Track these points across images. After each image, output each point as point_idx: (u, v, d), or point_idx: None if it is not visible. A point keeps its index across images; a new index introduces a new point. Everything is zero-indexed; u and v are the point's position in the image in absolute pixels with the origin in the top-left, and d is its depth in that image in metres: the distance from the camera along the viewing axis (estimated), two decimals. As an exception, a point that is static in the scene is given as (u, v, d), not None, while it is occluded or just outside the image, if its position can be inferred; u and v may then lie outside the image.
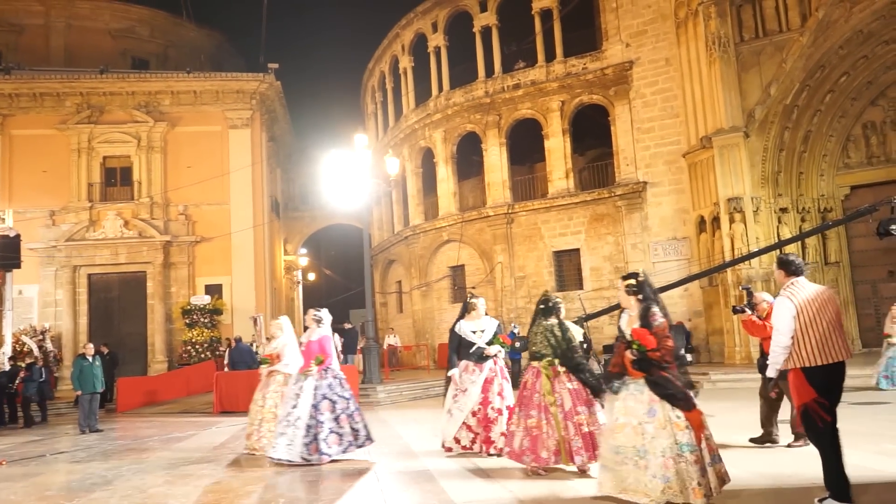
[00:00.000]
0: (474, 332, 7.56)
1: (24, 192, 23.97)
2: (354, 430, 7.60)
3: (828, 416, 4.70)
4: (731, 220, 18.25)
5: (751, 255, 16.57)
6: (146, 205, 24.67)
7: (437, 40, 25.79)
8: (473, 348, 7.45)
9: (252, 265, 25.29)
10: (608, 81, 22.14)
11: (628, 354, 4.71)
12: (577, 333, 6.87)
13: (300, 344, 8.24)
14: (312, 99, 55.00)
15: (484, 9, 24.30)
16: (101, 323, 24.06)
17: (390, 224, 30.00)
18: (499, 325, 7.76)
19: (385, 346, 22.76)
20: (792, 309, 4.82)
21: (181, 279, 24.71)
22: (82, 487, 7.00)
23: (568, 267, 22.88)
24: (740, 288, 8.13)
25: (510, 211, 23.46)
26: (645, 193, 21.33)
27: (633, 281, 4.97)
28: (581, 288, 22.08)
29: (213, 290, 24.53)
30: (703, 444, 4.67)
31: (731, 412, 10.08)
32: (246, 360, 16.60)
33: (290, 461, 7.31)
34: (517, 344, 17.98)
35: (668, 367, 4.68)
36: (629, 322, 4.94)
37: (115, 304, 24.62)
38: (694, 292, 20.01)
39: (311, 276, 38.95)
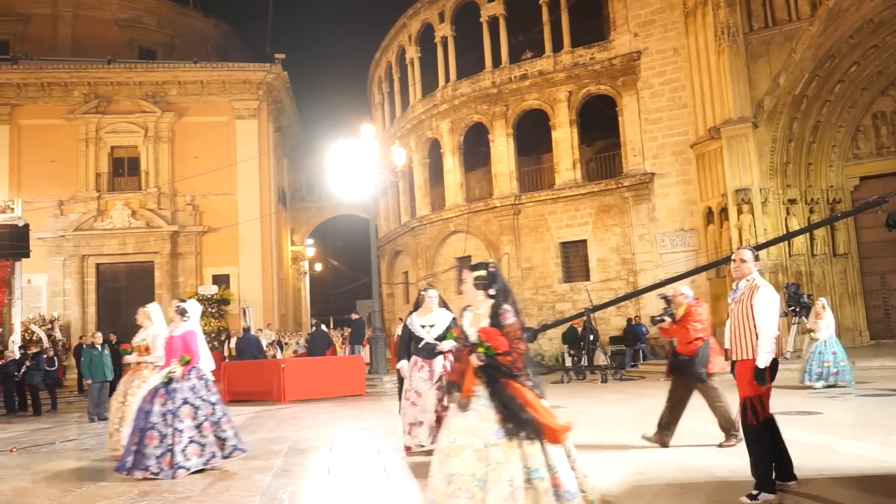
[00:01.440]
0: (423, 327, 7.09)
1: (32, 182, 24.09)
2: (220, 440, 6.75)
3: (768, 410, 4.86)
4: (739, 212, 18.17)
5: (758, 247, 16.51)
6: (154, 195, 24.74)
7: (444, 30, 25.69)
8: (422, 343, 7.04)
9: (259, 256, 25.36)
10: (616, 72, 22.03)
11: (473, 359, 3.93)
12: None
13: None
14: (319, 89, 55.01)
15: (491, -2, 24.18)
16: (109, 312, 24.19)
17: (397, 215, 29.99)
18: (452, 319, 7.03)
19: (395, 337, 22.74)
20: (778, 299, 4.98)
21: (188, 269, 24.80)
22: (91, 475, 7.06)
23: (575, 258, 22.84)
24: (658, 296, 7.96)
25: (517, 202, 23.42)
26: (652, 184, 21.25)
27: (483, 273, 4.17)
28: (588, 279, 22.04)
29: (221, 281, 24.63)
30: (563, 464, 3.85)
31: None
32: (253, 350, 16.67)
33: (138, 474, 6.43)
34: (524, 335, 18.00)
35: (519, 376, 3.93)
36: (474, 321, 4.14)
37: (122, 294, 24.75)
38: (701, 284, 19.92)
39: (318, 267, 39.04)
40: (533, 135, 24.02)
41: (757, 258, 5.21)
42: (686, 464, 5.98)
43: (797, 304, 15.56)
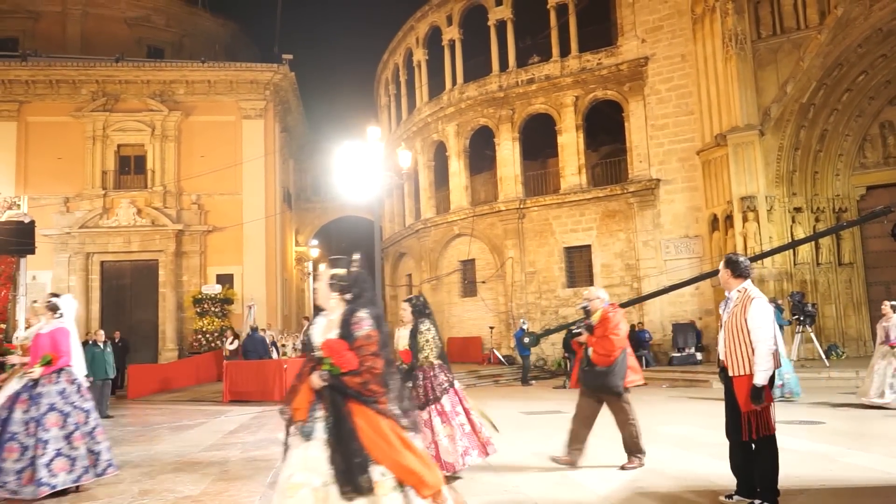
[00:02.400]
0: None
1: (39, 179, 24.18)
2: (93, 454, 5.97)
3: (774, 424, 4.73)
4: (745, 219, 18.12)
5: (763, 255, 16.49)
6: (159, 193, 24.81)
7: (451, 33, 25.72)
8: None
9: (263, 255, 25.40)
10: (623, 77, 22.01)
11: (314, 378, 3.22)
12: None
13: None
14: (326, 90, 55.10)
15: (499, 2, 24.19)
16: (113, 310, 24.25)
17: (401, 217, 30.01)
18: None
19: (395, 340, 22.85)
20: (772, 311, 4.83)
21: (193, 268, 24.85)
22: (92, 472, 7.05)
23: (579, 263, 22.81)
24: (578, 307, 7.11)
25: (522, 206, 23.41)
26: (658, 190, 21.22)
27: (338, 271, 3.48)
28: (592, 284, 21.97)
29: (225, 280, 24.66)
30: None
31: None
32: (259, 349, 16.68)
33: None
34: (527, 340, 18.03)
35: (375, 401, 3.18)
36: (325, 329, 3.40)
37: (127, 292, 24.81)
38: (705, 291, 19.90)
39: (322, 268, 39.03)
40: (539, 139, 24.01)
41: (741, 268, 4.98)
42: (686, 472, 5.96)
43: (801, 313, 15.54)
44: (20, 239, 19.43)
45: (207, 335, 22.95)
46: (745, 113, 18.40)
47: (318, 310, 3.78)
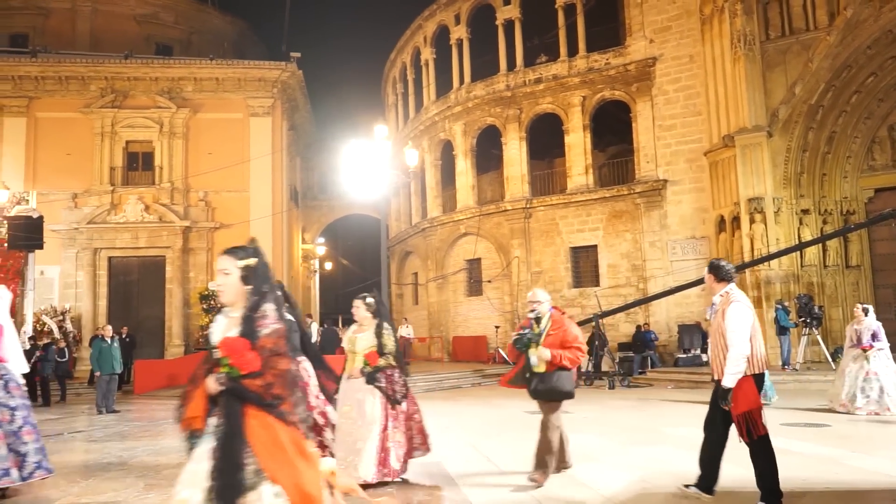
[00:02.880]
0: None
1: (47, 174, 24.29)
2: (19, 455, 5.47)
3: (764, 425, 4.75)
4: (752, 221, 18.07)
5: (770, 257, 16.47)
6: (167, 190, 24.89)
7: (459, 32, 25.72)
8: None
9: (270, 253, 25.29)
10: (630, 77, 21.98)
11: (210, 381, 2.86)
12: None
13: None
14: (333, 88, 55.17)
15: (507, 2, 24.19)
16: (120, 305, 24.35)
17: (408, 216, 30.04)
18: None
19: (398, 337, 22.93)
20: (750, 316, 4.80)
21: (200, 264, 24.92)
22: (99, 466, 7.11)
23: (585, 263, 22.79)
24: (530, 315, 6.02)
25: (528, 205, 23.40)
26: (665, 191, 21.19)
27: (247, 261, 3.04)
28: (598, 285, 21.98)
29: (231, 277, 24.67)
30: None
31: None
32: None
33: None
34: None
35: (277, 407, 2.81)
36: (227, 327, 3.02)
37: (134, 288, 24.90)
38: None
39: (328, 266, 39.15)
40: (546, 139, 24.01)
41: (724, 272, 5.04)
42: (692, 473, 5.96)
43: (808, 316, 15.48)
44: (29, 234, 19.57)
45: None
46: (753, 114, 18.35)
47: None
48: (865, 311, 10.25)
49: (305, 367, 5.83)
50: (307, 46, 51.59)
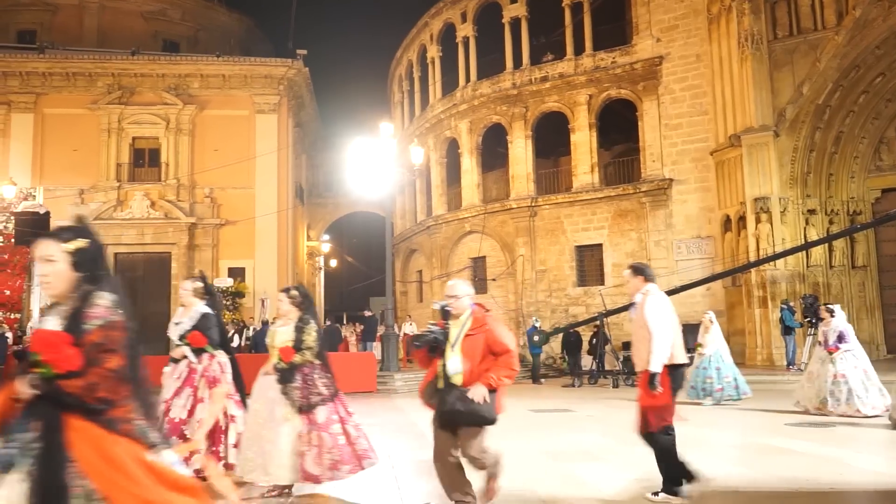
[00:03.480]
0: (176, 324, 6.00)
1: (54, 171, 24.38)
2: None
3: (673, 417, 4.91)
4: (758, 221, 18.04)
5: (776, 256, 16.43)
6: (173, 186, 24.96)
7: (465, 30, 25.71)
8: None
9: (275, 250, 25.50)
10: (637, 76, 21.94)
11: (19, 385, 2.29)
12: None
13: None
14: (339, 86, 55.16)
15: (514, 0, 24.16)
16: (125, 302, 24.41)
17: (413, 213, 30.06)
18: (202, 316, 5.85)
19: (401, 335, 22.91)
20: (669, 305, 5.05)
21: (205, 261, 24.98)
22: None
23: (590, 262, 22.77)
24: (437, 306, 4.94)
25: (534, 204, 23.39)
26: (670, 190, 21.15)
27: (76, 243, 2.51)
28: (602, 284, 21.96)
29: (236, 273, 24.79)
30: None
31: (749, 413, 9.97)
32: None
33: None
34: (536, 338, 18.02)
35: (105, 414, 2.27)
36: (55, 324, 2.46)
37: (139, 284, 24.95)
38: (717, 291, 19.83)
39: (333, 263, 39.20)
40: (551, 137, 23.97)
41: (644, 273, 5.27)
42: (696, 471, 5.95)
43: (814, 316, 15.41)
44: (35, 230, 19.65)
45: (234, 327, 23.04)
46: (760, 114, 18.31)
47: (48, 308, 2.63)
48: (831, 312, 9.96)
49: (221, 361, 5.83)
50: (313, 44, 51.71)
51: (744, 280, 18.50)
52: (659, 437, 4.90)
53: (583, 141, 22.79)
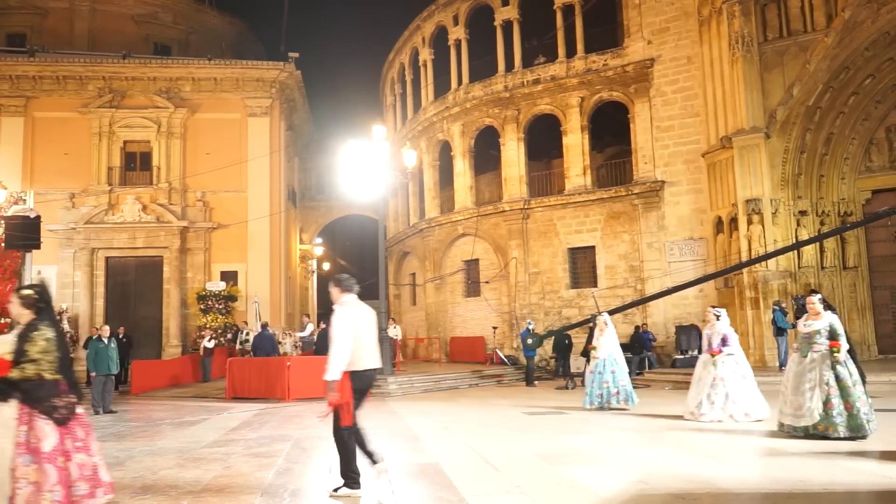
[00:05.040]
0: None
1: (45, 174, 24.26)
2: None
3: (354, 417, 5.44)
4: (749, 222, 18.11)
5: (767, 256, 16.49)
6: (164, 190, 24.87)
7: (457, 33, 25.73)
8: None
9: (267, 253, 25.43)
10: (629, 79, 22.00)
11: None
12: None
13: None
14: (332, 89, 55.16)
15: (505, 3, 24.19)
16: (117, 306, 24.33)
17: (406, 216, 30.04)
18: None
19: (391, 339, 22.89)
20: (353, 319, 5.53)
21: (197, 265, 24.90)
22: (95, 467, 7.08)
23: (583, 264, 22.81)
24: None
25: (526, 206, 23.41)
26: (662, 192, 21.20)
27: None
28: (595, 286, 22.00)
29: (229, 277, 24.71)
30: None
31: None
32: (267, 347, 16.73)
33: None
34: (530, 340, 18.02)
35: None
36: None
37: (131, 288, 24.87)
38: (709, 293, 19.88)
39: (326, 266, 39.12)
40: (544, 140, 24.02)
41: (340, 284, 5.76)
42: (692, 474, 5.96)
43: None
44: (26, 234, 19.49)
45: (211, 332, 22.97)
46: (751, 115, 18.38)
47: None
48: (717, 316, 9.91)
49: None
50: (306, 47, 51.57)
51: (736, 281, 18.55)
52: (341, 434, 5.44)
53: (575, 143, 22.83)
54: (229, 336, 22.66)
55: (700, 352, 10.01)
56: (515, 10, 23.97)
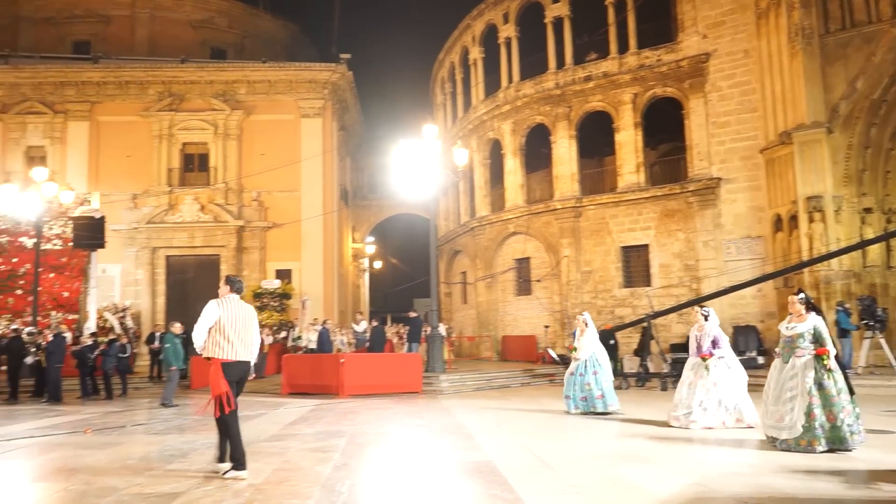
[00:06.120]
0: None
1: (109, 176, 25.20)
2: None
3: (233, 403, 6.07)
4: (811, 220, 17.58)
5: (830, 255, 15.98)
6: (221, 190, 25.51)
7: (508, 31, 25.66)
8: None
9: (321, 252, 25.85)
10: (683, 74, 21.60)
11: None
12: None
13: None
14: (382, 89, 55.65)
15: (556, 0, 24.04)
16: (177, 303, 25.06)
17: (456, 215, 30.11)
18: None
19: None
20: (216, 310, 6.19)
21: (253, 263, 25.48)
22: (160, 458, 7.34)
23: (636, 263, 22.49)
24: None
25: (578, 204, 23.22)
26: (719, 190, 20.75)
27: None
28: (649, 285, 21.67)
29: (283, 275, 25.21)
30: None
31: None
32: (323, 343, 17.19)
33: None
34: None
35: None
36: None
37: (190, 286, 25.60)
38: (768, 293, 19.38)
39: (378, 265, 39.52)
40: (596, 137, 23.77)
41: (236, 285, 6.44)
42: (752, 477, 5.84)
43: (871, 318, 14.96)
44: (91, 234, 20.29)
45: (266, 329, 23.43)
46: (812, 110, 17.85)
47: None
48: (706, 316, 9.29)
49: None
50: (357, 48, 52.07)
51: (796, 281, 18.03)
52: (224, 420, 6.06)
53: (628, 140, 22.53)
54: (283, 334, 23.11)
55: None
56: (566, 7, 23.78)
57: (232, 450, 6.12)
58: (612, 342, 18.84)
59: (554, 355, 21.85)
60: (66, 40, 30.53)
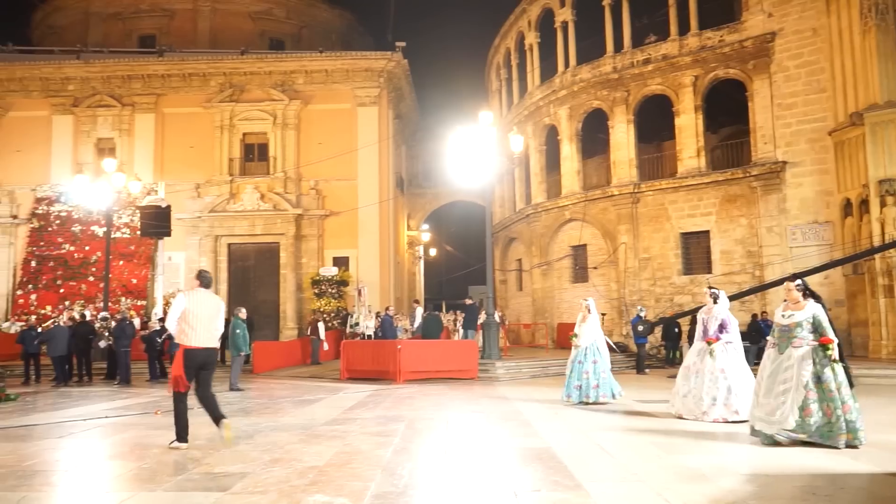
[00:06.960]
0: None
1: (173, 166, 25.99)
2: None
3: (188, 384, 6.92)
4: (883, 204, 16.87)
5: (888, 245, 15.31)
6: (280, 179, 26.01)
7: (564, 15, 25.30)
8: None
9: (377, 239, 26.12)
10: (746, 55, 20.92)
11: None
12: None
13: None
14: (437, 77, 55.65)
15: (614, -19, 23.54)
16: (238, 289, 25.74)
17: (512, 202, 29.98)
18: None
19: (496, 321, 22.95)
20: (184, 301, 6.96)
21: (311, 251, 25.94)
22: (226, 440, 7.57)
23: (696, 250, 22.01)
24: None
25: (636, 190, 22.81)
26: (783, 174, 20.09)
27: None
28: (710, 272, 21.18)
29: (340, 262, 25.60)
30: None
31: (877, 409, 9.36)
32: (387, 331, 17.53)
33: None
34: (640, 328, 17.61)
35: None
36: None
37: (251, 273, 26.26)
38: (836, 280, 18.72)
39: (433, 252, 39.72)
40: (654, 121, 23.27)
41: (205, 280, 7.27)
42: (816, 464, 5.68)
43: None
44: (158, 222, 20.97)
45: (325, 315, 23.88)
46: (886, 89, 17.10)
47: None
48: (715, 298, 8.66)
49: None
50: (412, 36, 52.09)
51: (867, 268, 17.37)
52: (175, 397, 6.95)
53: (688, 124, 21.99)
54: (339, 320, 23.49)
55: (704, 337, 8.64)
56: (625, -11, 23.28)
57: (175, 422, 6.98)
58: (675, 330, 18.54)
59: (611, 343, 21.61)
60: (132, 35, 31.56)
